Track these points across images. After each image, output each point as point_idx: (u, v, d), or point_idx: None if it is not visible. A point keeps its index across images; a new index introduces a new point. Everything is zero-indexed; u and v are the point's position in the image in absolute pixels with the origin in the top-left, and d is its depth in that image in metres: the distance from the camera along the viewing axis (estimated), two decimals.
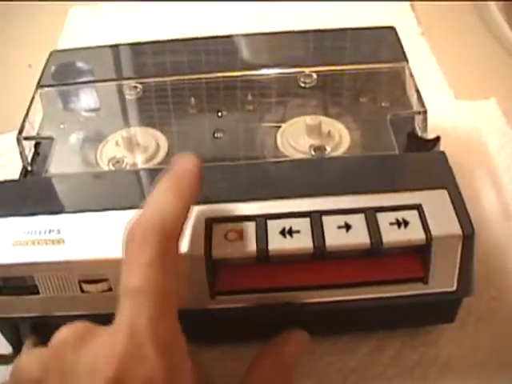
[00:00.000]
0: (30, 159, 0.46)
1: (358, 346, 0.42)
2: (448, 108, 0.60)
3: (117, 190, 0.41)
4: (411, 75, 0.48)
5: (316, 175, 0.41)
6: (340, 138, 0.46)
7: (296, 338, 0.39)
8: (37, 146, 0.48)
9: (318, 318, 0.40)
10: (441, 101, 0.60)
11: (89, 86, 0.52)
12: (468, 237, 0.36)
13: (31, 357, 0.31)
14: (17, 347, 0.43)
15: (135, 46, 0.55)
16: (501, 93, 0.61)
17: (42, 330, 0.39)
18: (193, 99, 0.50)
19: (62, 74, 0.52)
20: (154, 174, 0.42)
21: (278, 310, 0.38)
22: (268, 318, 0.39)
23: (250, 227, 0.37)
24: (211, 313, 0.38)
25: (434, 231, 0.36)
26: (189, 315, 0.36)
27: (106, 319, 0.36)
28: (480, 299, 0.44)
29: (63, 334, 0.31)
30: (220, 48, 0.54)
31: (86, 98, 0.52)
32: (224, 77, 0.50)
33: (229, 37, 0.54)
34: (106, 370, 0.28)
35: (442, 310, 0.41)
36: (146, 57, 0.54)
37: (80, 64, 0.54)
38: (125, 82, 0.51)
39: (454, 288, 0.38)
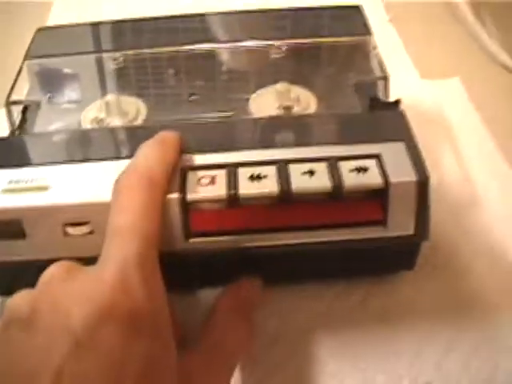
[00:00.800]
0: (17, 124, 0.49)
1: (325, 292, 0.45)
2: (413, 86, 0.63)
3: (99, 144, 0.44)
4: (375, 47, 0.51)
5: (283, 129, 0.44)
6: (308, 103, 0.49)
7: (250, 284, 0.42)
8: (24, 112, 0.50)
9: (285, 261, 0.43)
10: (406, 80, 0.64)
11: (73, 58, 0.54)
12: (423, 183, 0.40)
13: (20, 296, 0.33)
14: (5, 293, 0.45)
15: (117, 23, 0.58)
16: (465, 73, 0.65)
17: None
18: (170, 70, 0.53)
19: (48, 47, 0.55)
20: (134, 131, 0.45)
21: (247, 251, 0.41)
22: (237, 259, 0.42)
23: (222, 174, 0.40)
24: (185, 254, 0.41)
25: (392, 177, 0.39)
26: (164, 257, 0.39)
27: (88, 262, 0.39)
28: (436, 250, 0.47)
29: (50, 271, 0.34)
30: (194, 24, 0.57)
31: (70, 69, 0.54)
32: (199, 50, 0.54)
33: (206, 14, 0.58)
34: (97, 299, 0.31)
35: (402, 255, 0.44)
36: (127, 32, 0.57)
37: (63, 39, 0.56)
38: (107, 55, 0.54)
39: (412, 232, 0.41)
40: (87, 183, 0.40)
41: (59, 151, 0.44)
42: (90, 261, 0.38)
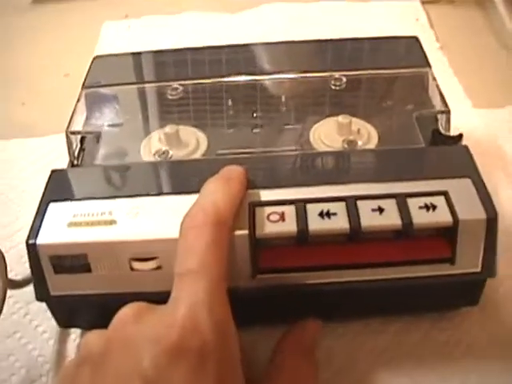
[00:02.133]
0: (76, 154, 0.49)
1: (387, 327, 0.45)
2: (466, 116, 0.63)
3: (164, 178, 0.45)
4: (434, 79, 0.51)
5: (350, 165, 0.44)
6: (369, 135, 0.49)
7: (313, 325, 0.42)
8: (82, 142, 0.51)
9: (351, 297, 0.43)
10: (459, 109, 0.62)
11: (130, 87, 0.55)
12: (491, 220, 0.39)
13: (95, 334, 0.34)
14: (63, 327, 0.46)
15: (174, 52, 0.58)
16: None
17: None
18: (229, 101, 0.53)
19: (105, 76, 0.55)
20: (199, 164, 0.45)
21: (314, 288, 0.41)
22: (304, 296, 0.42)
23: (291, 210, 0.40)
24: (252, 291, 0.41)
25: (461, 214, 0.39)
26: (231, 293, 0.39)
27: (154, 297, 0.39)
28: (500, 285, 0.46)
29: (123, 311, 0.35)
30: (253, 55, 0.57)
31: (128, 98, 0.55)
32: (259, 80, 0.54)
33: (267, 44, 0.58)
34: (165, 339, 0.31)
35: (466, 292, 0.43)
36: (184, 61, 0.57)
37: (122, 67, 0.57)
38: (164, 84, 0.54)
39: (479, 269, 0.41)
40: (153, 218, 0.40)
41: (123, 184, 0.44)
42: (157, 295, 0.39)
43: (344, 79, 0.53)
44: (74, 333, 0.47)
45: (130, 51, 0.59)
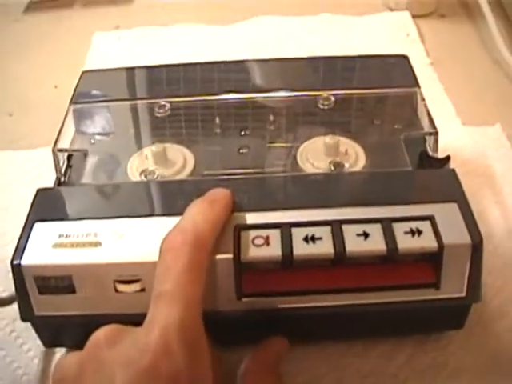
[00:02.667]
0: (63, 171, 0.49)
1: (372, 349, 0.45)
2: (455, 133, 0.63)
3: (149, 199, 0.45)
4: (423, 99, 0.51)
5: (336, 188, 0.44)
6: (356, 156, 0.49)
7: (275, 343, 0.42)
8: (69, 159, 0.50)
9: (335, 321, 0.42)
10: (449, 127, 0.63)
11: (117, 104, 0.54)
12: (477, 245, 0.39)
13: (69, 357, 0.35)
14: (48, 346, 0.45)
15: (163, 68, 0.58)
16: (505, 119, 0.64)
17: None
18: (217, 119, 0.53)
19: (93, 92, 0.55)
20: (185, 184, 0.45)
21: (298, 312, 0.41)
22: (288, 319, 0.41)
23: (276, 234, 0.40)
24: (236, 314, 0.41)
25: (446, 240, 0.39)
26: (215, 316, 0.39)
27: (138, 319, 0.39)
28: (486, 307, 0.46)
29: (98, 334, 0.35)
30: (243, 71, 0.57)
31: (116, 115, 0.55)
32: (247, 98, 0.54)
33: (252, 61, 0.58)
34: (137, 363, 0.31)
35: (451, 316, 0.43)
36: (174, 78, 0.57)
37: (108, 83, 0.57)
38: (152, 101, 0.54)
39: (464, 294, 0.41)
40: (138, 240, 0.40)
41: (108, 205, 0.44)
42: (141, 317, 0.38)
43: (332, 98, 0.53)
44: (60, 352, 0.46)
45: (119, 66, 0.58)
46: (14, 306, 0.43)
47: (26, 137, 0.67)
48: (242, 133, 0.52)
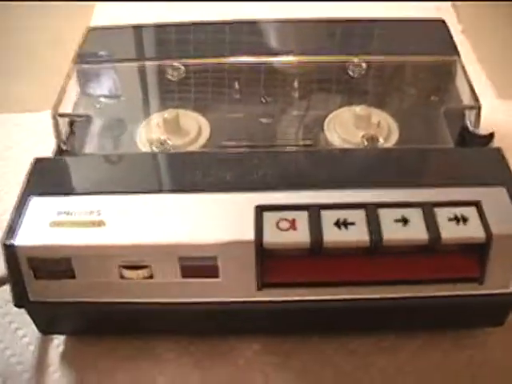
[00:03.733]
0: (65, 138, 0.44)
1: (403, 346, 0.41)
2: (490, 107, 0.58)
3: (159, 173, 0.40)
4: (463, 69, 0.47)
5: (371, 166, 0.40)
6: (389, 129, 0.44)
7: None
8: (71, 124, 0.46)
9: (366, 315, 0.39)
10: (483, 99, 0.58)
11: (126, 65, 0.50)
12: None
13: None
14: (44, 333, 0.42)
15: (176, 27, 0.53)
16: None
17: None
18: (237, 84, 0.48)
19: (100, 51, 0.50)
20: (200, 157, 0.41)
21: (327, 305, 0.37)
22: (316, 313, 0.38)
23: (303, 217, 0.35)
24: (257, 305, 0.36)
25: (494, 229, 0.35)
26: (233, 307, 0.35)
27: (144, 308, 0.34)
28: None
29: None
30: (267, 32, 0.52)
31: (123, 77, 0.50)
32: (271, 62, 0.49)
33: (275, 21, 0.53)
34: None
35: (494, 311, 0.39)
36: (188, 37, 0.52)
37: (117, 42, 0.52)
38: (166, 62, 0.49)
39: (510, 289, 0.36)
40: (147, 220, 0.36)
41: (116, 178, 0.39)
42: (148, 307, 0.36)
43: (364, 65, 0.48)
44: (58, 338, 0.42)
45: (128, 23, 0.53)
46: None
47: (28, 99, 0.62)
48: (263, 100, 0.47)
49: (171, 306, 0.37)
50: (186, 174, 0.39)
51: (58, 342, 0.42)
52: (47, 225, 0.36)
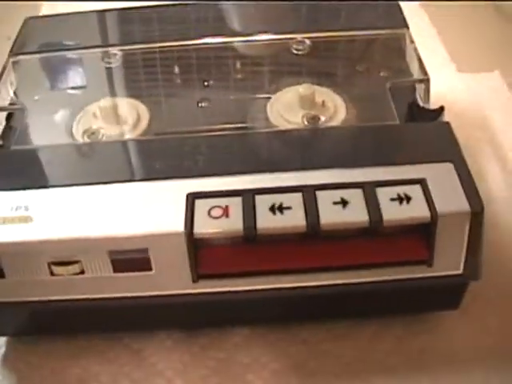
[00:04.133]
0: (0, 132, 0.42)
1: (356, 333, 0.39)
2: (449, 81, 0.57)
3: (92, 164, 0.38)
4: (412, 42, 0.45)
5: (309, 147, 0.38)
6: (335, 108, 0.42)
7: None
8: (9, 118, 0.44)
9: (312, 304, 0.37)
10: (442, 74, 0.56)
11: (66, 54, 0.48)
12: (477, 214, 0.33)
13: None
14: None
15: (113, 12, 0.51)
16: (505, 65, 0.58)
17: None
18: (176, 68, 0.47)
19: (38, 41, 0.49)
20: (133, 145, 0.39)
21: (267, 295, 0.35)
22: (255, 303, 0.36)
23: (237, 203, 0.34)
24: (194, 298, 0.35)
25: (440, 208, 0.33)
26: (169, 301, 0.33)
27: (77, 305, 0.33)
28: (486, 283, 0.40)
29: None
30: (207, 15, 0.50)
31: (63, 67, 0.48)
32: (211, 43, 0.47)
33: (217, 3, 0.51)
34: None
35: (446, 295, 0.38)
36: (125, 23, 0.51)
37: (56, 31, 0.50)
38: (103, 50, 0.47)
39: (461, 271, 0.35)
40: (75, 213, 0.34)
41: (45, 171, 0.37)
42: (80, 303, 0.35)
43: (307, 42, 0.46)
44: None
45: (67, 12, 0.51)
46: None
47: None
48: (205, 84, 0.45)
49: (105, 301, 0.35)
50: (114, 164, 0.37)
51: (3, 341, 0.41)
52: None
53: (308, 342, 0.39)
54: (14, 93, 0.46)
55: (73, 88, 0.47)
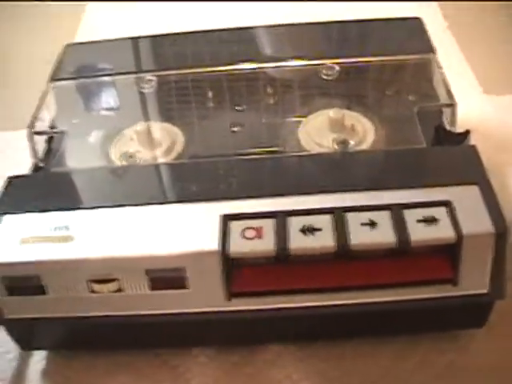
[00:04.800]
0: (41, 155, 0.44)
1: (382, 350, 0.40)
2: (477, 103, 0.57)
3: (129, 186, 0.40)
4: (439, 67, 0.46)
5: (339, 170, 0.39)
6: (364, 132, 0.43)
7: None
8: (50, 141, 0.46)
9: (340, 322, 0.38)
10: (469, 96, 0.58)
11: (103, 80, 0.50)
12: (501, 235, 0.34)
13: None
14: (24, 349, 0.41)
15: (150, 39, 0.53)
16: None
17: None
18: (210, 93, 0.48)
19: (76, 67, 0.50)
20: (169, 168, 0.40)
21: (297, 313, 0.36)
22: (286, 321, 0.37)
23: (269, 224, 0.35)
24: (227, 316, 0.36)
25: (465, 229, 0.34)
26: (202, 318, 0.35)
27: (115, 321, 0.34)
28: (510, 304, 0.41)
29: None
30: (238, 40, 0.52)
31: (100, 92, 0.50)
32: (243, 69, 0.48)
33: (248, 28, 0.52)
34: None
35: (471, 313, 0.38)
36: (161, 49, 0.53)
37: (94, 57, 0.52)
38: (139, 75, 0.49)
39: (486, 290, 0.36)
40: (115, 233, 0.36)
41: (85, 193, 0.39)
42: (118, 320, 0.36)
43: (337, 68, 0.48)
44: (38, 355, 0.42)
45: (105, 39, 0.53)
46: None
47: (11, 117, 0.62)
48: (238, 108, 0.47)
49: (142, 318, 0.36)
50: (150, 186, 0.39)
51: (40, 358, 0.42)
52: (18, 242, 0.36)
53: (336, 359, 0.40)
54: (54, 117, 0.47)
55: (109, 112, 0.48)
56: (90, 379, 0.40)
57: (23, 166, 0.44)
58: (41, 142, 0.45)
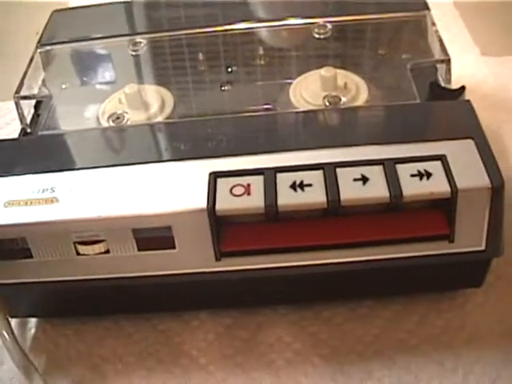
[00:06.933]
0: (29, 120, 0.43)
1: (379, 312, 0.40)
2: (473, 64, 0.56)
3: (116, 147, 0.39)
4: (433, 24, 0.45)
5: (330, 126, 0.38)
6: (357, 90, 0.42)
7: None
8: (37, 107, 0.45)
9: (334, 281, 0.37)
10: (465, 57, 0.57)
11: (91, 43, 0.49)
12: (497, 189, 0.33)
13: None
14: (14, 317, 0.41)
15: (138, 3, 0.52)
16: None
17: None
18: (200, 54, 0.47)
19: (64, 32, 0.49)
20: (156, 128, 0.39)
21: (289, 272, 0.35)
22: (277, 280, 0.36)
23: (258, 181, 0.34)
24: (216, 276, 0.35)
25: (460, 183, 0.33)
26: (191, 279, 0.34)
27: (103, 284, 0.33)
28: (509, 261, 0.40)
29: None
30: (230, 3, 0.51)
31: (88, 56, 0.49)
32: (233, 29, 0.47)
33: None
34: None
35: (468, 272, 0.38)
36: (148, 12, 0.52)
37: (82, 22, 0.51)
38: (128, 38, 0.48)
39: (483, 247, 0.35)
40: (101, 194, 0.35)
41: (70, 155, 0.38)
42: (106, 283, 0.35)
43: (329, 26, 0.47)
44: (28, 323, 0.42)
45: (92, 4, 0.52)
46: None
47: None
48: (228, 69, 0.46)
49: (130, 280, 0.36)
50: (137, 146, 0.38)
51: (31, 325, 0.41)
52: (1, 205, 0.35)
53: (330, 322, 0.39)
54: (42, 82, 0.46)
55: (99, 76, 0.48)
56: (80, 345, 0.40)
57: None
58: (30, 109, 0.44)
